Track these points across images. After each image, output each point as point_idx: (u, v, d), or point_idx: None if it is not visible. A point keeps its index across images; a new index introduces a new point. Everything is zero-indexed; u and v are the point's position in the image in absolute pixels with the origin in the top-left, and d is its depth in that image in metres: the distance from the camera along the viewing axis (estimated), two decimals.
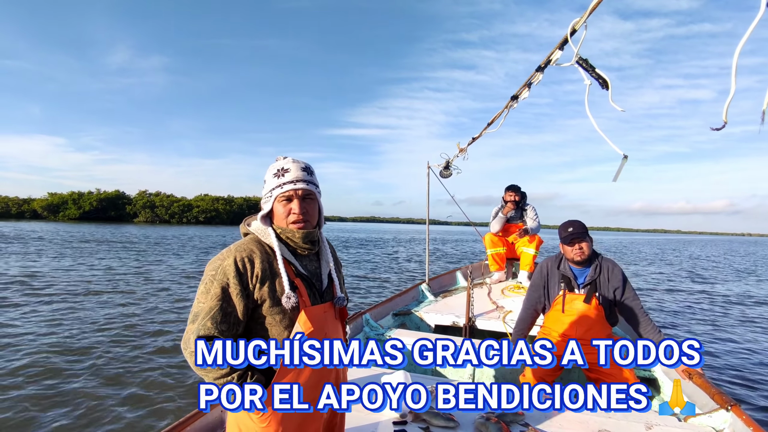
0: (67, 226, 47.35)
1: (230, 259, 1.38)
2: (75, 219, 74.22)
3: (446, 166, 5.22)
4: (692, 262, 25.81)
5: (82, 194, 79.66)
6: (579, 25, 1.61)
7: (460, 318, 4.18)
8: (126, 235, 32.46)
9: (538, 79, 2.12)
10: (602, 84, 1.65)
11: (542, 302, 3.08)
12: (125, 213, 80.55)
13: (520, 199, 5.79)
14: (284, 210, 1.46)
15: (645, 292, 12.48)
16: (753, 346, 7.11)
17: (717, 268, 21.71)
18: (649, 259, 27.25)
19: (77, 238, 27.19)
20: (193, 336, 1.33)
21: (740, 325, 8.61)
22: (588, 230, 2.91)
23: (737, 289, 14.05)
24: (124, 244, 24.19)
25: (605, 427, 2.25)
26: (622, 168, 1.59)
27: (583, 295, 2.89)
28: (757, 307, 10.70)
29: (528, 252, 5.57)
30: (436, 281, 5.82)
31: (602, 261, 2.93)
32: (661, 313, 9.50)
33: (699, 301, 11.21)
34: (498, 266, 5.87)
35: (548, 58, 1.90)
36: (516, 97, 2.47)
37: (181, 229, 51.62)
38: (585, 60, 1.67)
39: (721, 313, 9.71)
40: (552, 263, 3.05)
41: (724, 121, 1.02)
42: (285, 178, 1.45)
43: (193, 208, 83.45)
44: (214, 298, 1.34)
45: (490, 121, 3.13)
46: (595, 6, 1.42)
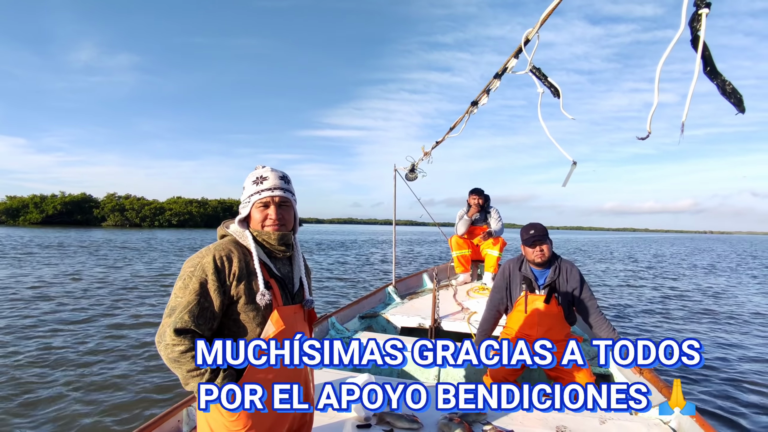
0: (28, 231, 44.80)
1: (209, 256, 1.44)
2: (37, 223, 70.30)
3: (411, 169, 5.28)
4: (655, 259, 26.92)
5: (45, 197, 75.80)
6: (532, 35, 1.67)
7: (426, 320, 4.22)
8: (90, 240, 31.12)
9: (496, 85, 2.18)
10: (554, 92, 1.72)
11: (505, 303, 3.15)
12: (92, 217, 77.28)
13: (484, 202, 5.90)
14: (261, 215, 1.55)
15: (608, 288, 12.95)
16: (702, 337, 7.49)
17: (674, 265, 22.74)
18: (611, 257, 28.26)
19: (36, 243, 25.87)
20: (169, 329, 1.37)
21: (691, 318, 9.05)
22: (548, 233, 3.00)
23: (688, 284, 14.78)
24: (87, 248, 23.20)
25: (563, 423, 2.33)
26: (572, 173, 1.65)
27: (543, 295, 2.98)
28: (707, 300, 11.29)
29: (492, 254, 5.69)
30: (403, 283, 5.85)
31: (561, 263, 3.02)
32: (622, 308, 9.88)
33: (655, 297, 11.73)
34: (463, 268, 5.97)
35: (504, 66, 1.97)
36: (476, 102, 2.53)
37: (152, 233, 49.96)
38: (538, 69, 1.74)
39: (674, 307, 10.21)
40: (514, 265, 3.13)
41: (648, 131, 1.09)
42: (263, 186, 1.53)
43: (166, 211, 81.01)
44: (192, 293, 1.39)
45: (452, 125, 3.19)
46: (545, 18, 1.48)
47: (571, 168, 1.65)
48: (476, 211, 5.85)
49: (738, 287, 14.14)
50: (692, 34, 0.93)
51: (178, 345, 1.36)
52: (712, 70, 0.93)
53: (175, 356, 1.37)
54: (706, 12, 0.90)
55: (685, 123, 0.91)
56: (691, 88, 0.92)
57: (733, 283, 15.36)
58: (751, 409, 4.55)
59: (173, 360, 1.38)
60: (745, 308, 10.33)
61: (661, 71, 1.04)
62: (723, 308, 10.09)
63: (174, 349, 1.36)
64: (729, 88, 0.92)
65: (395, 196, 5.63)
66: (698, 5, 0.92)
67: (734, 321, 8.85)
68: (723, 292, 12.92)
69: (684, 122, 0.91)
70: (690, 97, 0.92)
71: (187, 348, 1.37)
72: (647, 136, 1.09)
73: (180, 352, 1.36)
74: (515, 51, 1.84)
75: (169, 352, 1.37)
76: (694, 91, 0.98)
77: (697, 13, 0.92)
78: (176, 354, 1.37)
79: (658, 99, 1.04)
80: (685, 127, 0.98)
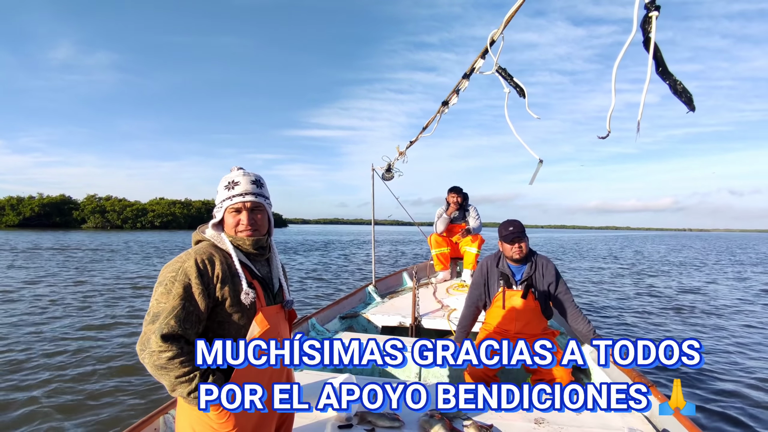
0: (3, 234, 42.97)
1: (191, 260, 1.42)
2: (13, 226, 67.56)
3: (388, 168, 5.31)
4: (635, 257, 27.37)
5: (21, 199, 73.22)
6: (497, 36, 1.69)
7: (406, 318, 4.23)
8: (66, 242, 30.11)
9: (465, 85, 2.21)
10: (519, 92, 1.75)
11: (483, 299, 3.18)
12: (72, 219, 74.81)
13: (463, 200, 5.96)
14: (233, 220, 1.54)
15: (588, 285, 13.23)
16: (682, 333, 7.74)
17: (653, 262, 23.27)
18: (591, 255, 28.77)
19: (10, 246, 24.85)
20: (154, 335, 1.33)
21: (665, 314, 9.34)
22: (525, 230, 3.04)
23: (666, 281, 15.22)
24: (61, 251, 22.44)
25: (541, 415, 2.37)
26: (538, 171, 1.68)
27: (520, 291, 3.02)
28: (682, 296, 11.65)
29: (471, 251, 5.75)
30: (383, 282, 5.86)
31: (537, 258, 3.07)
32: (600, 304, 10.12)
33: (631, 294, 12.05)
34: (443, 266, 6.01)
35: (472, 67, 1.99)
36: (446, 102, 2.55)
37: (134, 235, 48.54)
38: (504, 69, 1.76)
39: (650, 304, 10.49)
40: (491, 261, 3.16)
41: (608, 131, 1.12)
42: (234, 191, 1.52)
43: (148, 212, 79.38)
44: (177, 298, 1.37)
45: (424, 125, 3.21)
46: (509, 19, 1.50)
47: (537, 166, 1.67)
48: (455, 209, 5.90)
49: (714, 284, 14.40)
50: (644, 36, 0.96)
51: (165, 351, 1.32)
52: (664, 71, 0.96)
53: (162, 363, 1.33)
54: (656, 15, 0.93)
55: (640, 122, 0.93)
56: (645, 88, 0.95)
57: (710, 279, 15.69)
58: (729, 402, 4.65)
59: (160, 367, 1.34)
60: (718, 303, 10.69)
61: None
62: (698, 305, 10.39)
63: (161, 356, 1.32)
64: (680, 88, 0.95)
65: (373, 196, 5.65)
66: (648, 8, 0.94)
67: (707, 316, 9.14)
68: (700, 288, 13.28)
69: (639, 121, 0.94)
70: (644, 96, 0.95)
71: (175, 354, 1.33)
72: (607, 135, 1.12)
73: (167, 359, 1.33)
74: (482, 52, 1.86)
75: (155, 360, 1.33)
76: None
77: (648, 16, 0.95)
78: (163, 361, 1.33)
79: (615, 100, 1.07)
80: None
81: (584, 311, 4.04)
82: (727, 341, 6.95)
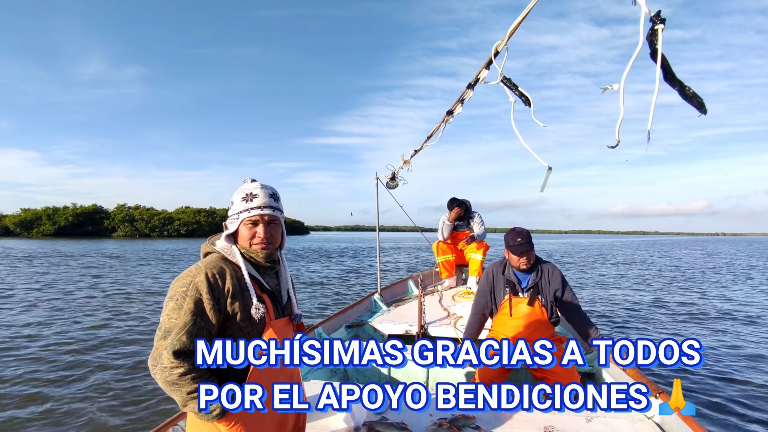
0: (42, 243, 44.21)
1: (201, 275, 1.42)
2: (50, 235, 70.04)
3: (392, 177, 5.33)
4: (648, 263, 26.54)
5: (57, 209, 76.27)
6: (501, 47, 1.72)
7: (412, 326, 4.23)
8: (102, 251, 30.32)
9: (469, 95, 2.24)
10: (525, 101, 1.77)
11: (489, 307, 3.18)
12: (103, 228, 77.51)
13: (465, 211, 5.97)
14: (249, 233, 1.53)
15: (593, 291, 13.16)
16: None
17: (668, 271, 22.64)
18: (606, 261, 28.18)
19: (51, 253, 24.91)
20: (166, 351, 1.34)
21: (675, 320, 9.26)
22: (532, 239, 3.05)
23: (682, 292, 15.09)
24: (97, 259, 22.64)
25: (550, 422, 2.36)
26: (548, 179, 1.69)
27: (526, 298, 3.02)
28: (694, 305, 11.56)
29: (476, 258, 5.75)
30: (389, 291, 5.85)
31: (543, 265, 3.07)
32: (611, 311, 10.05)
33: (648, 301, 11.97)
34: (448, 273, 6.01)
35: (477, 77, 2.02)
36: (451, 112, 2.59)
37: (163, 243, 49.27)
38: (509, 79, 1.79)
39: (662, 313, 10.39)
40: (497, 269, 3.17)
41: (617, 140, 1.13)
42: (253, 203, 1.52)
43: (175, 220, 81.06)
44: (188, 313, 1.37)
45: (429, 134, 3.24)
46: (513, 31, 1.53)
47: (546, 173, 1.69)
48: (456, 216, 5.90)
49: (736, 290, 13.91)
50: (651, 48, 0.98)
51: (177, 368, 1.33)
52: (672, 78, 0.98)
53: (174, 379, 1.34)
54: (662, 27, 0.95)
55: (650, 132, 0.94)
56: (654, 97, 0.96)
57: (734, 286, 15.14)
58: (740, 407, 4.61)
59: (171, 383, 1.34)
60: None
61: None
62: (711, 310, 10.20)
63: (173, 372, 1.33)
64: (690, 92, 0.97)
65: (377, 204, 5.66)
66: (654, 21, 0.97)
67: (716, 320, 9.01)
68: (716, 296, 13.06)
69: (650, 130, 0.95)
70: (653, 105, 0.96)
71: (187, 370, 1.34)
72: (616, 144, 1.13)
73: (179, 375, 1.33)
74: (486, 62, 1.89)
75: (167, 375, 1.34)
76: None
77: (654, 29, 0.98)
78: (175, 377, 1.33)
79: (624, 111, 1.08)
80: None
81: (594, 317, 4.03)
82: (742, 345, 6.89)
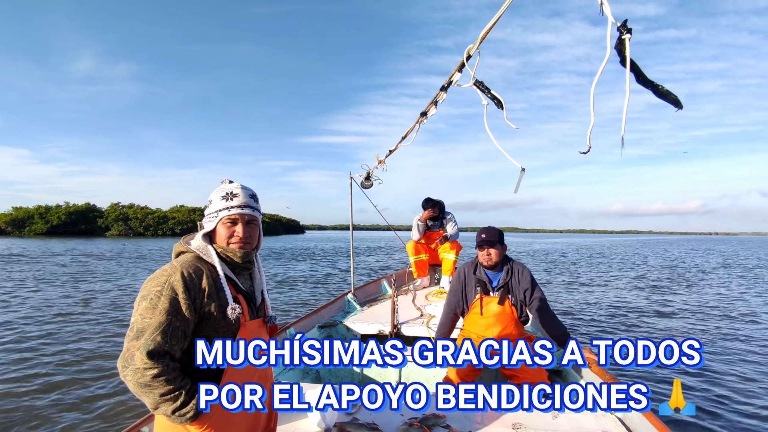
0: (34, 242, 42.57)
1: (177, 274, 1.39)
2: (42, 234, 67.97)
3: (367, 176, 5.33)
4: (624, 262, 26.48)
5: (49, 208, 74.09)
6: (473, 50, 1.74)
7: (385, 326, 4.23)
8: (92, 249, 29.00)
9: (443, 97, 2.25)
10: (497, 104, 1.80)
11: (461, 306, 3.22)
12: (96, 226, 75.60)
13: (439, 211, 6.03)
14: (227, 231, 1.53)
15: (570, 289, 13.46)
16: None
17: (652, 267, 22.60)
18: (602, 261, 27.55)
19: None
20: (139, 352, 1.29)
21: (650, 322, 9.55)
22: (502, 238, 3.09)
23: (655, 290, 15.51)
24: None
25: (518, 420, 2.40)
26: (521, 180, 1.72)
27: (497, 297, 3.07)
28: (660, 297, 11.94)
29: (449, 258, 5.81)
30: (362, 290, 5.84)
31: (513, 265, 3.13)
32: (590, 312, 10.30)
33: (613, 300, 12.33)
34: (421, 273, 6.05)
35: (449, 80, 2.04)
36: (425, 113, 2.60)
37: (157, 242, 47.89)
38: (481, 82, 1.81)
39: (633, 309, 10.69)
40: (468, 268, 3.21)
41: (588, 146, 1.16)
42: (233, 202, 1.52)
43: (169, 219, 79.35)
44: (163, 313, 1.33)
45: (404, 135, 3.24)
46: (484, 36, 1.55)
47: (520, 175, 1.72)
48: (428, 216, 5.95)
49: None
50: (620, 55, 1.01)
51: (150, 369, 1.27)
52: (644, 80, 1.01)
53: (146, 381, 1.28)
54: (629, 37, 0.98)
55: (624, 137, 0.97)
56: (626, 102, 0.98)
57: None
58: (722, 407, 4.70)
59: (144, 385, 1.28)
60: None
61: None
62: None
63: (145, 374, 1.27)
64: (663, 90, 1.00)
65: (351, 203, 5.65)
66: (621, 31, 1.00)
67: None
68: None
69: (623, 136, 0.98)
70: (625, 111, 0.99)
71: (160, 371, 1.29)
72: (588, 150, 1.16)
73: (152, 376, 1.28)
74: (458, 65, 1.91)
75: (139, 377, 1.28)
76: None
77: (621, 38, 1.01)
78: (148, 378, 1.28)
79: (594, 117, 1.11)
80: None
81: (579, 319, 4.10)
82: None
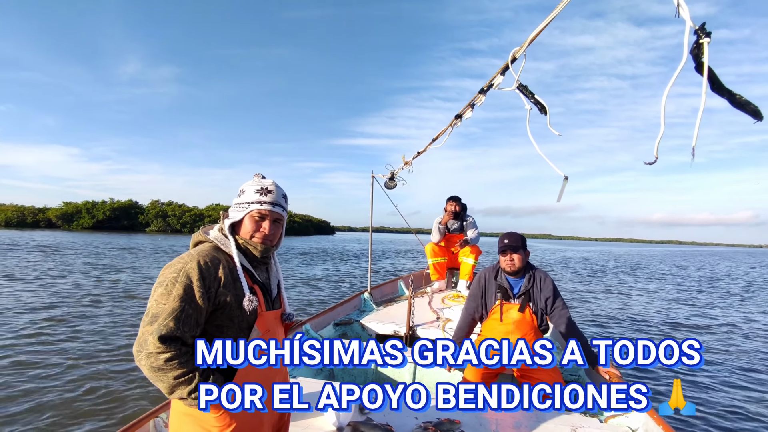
0: (82, 236, 45.50)
1: (193, 262, 1.41)
2: (88, 228, 72.89)
3: (391, 177, 5.33)
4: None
5: (96, 203, 79.79)
6: (519, 53, 1.72)
7: (401, 327, 4.23)
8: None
9: (481, 100, 2.23)
10: (541, 109, 1.78)
11: (480, 311, 3.19)
12: (137, 222, 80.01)
13: (461, 210, 6.01)
14: (254, 225, 1.55)
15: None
16: None
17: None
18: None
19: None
20: (152, 336, 1.31)
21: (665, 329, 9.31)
22: (525, 243, 3.06)
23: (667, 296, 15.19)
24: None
25: (535, 430, 2.38)
26: (564, 188, 1.69)
27: (517, 304, 3.03)
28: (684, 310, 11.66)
29: (468, 262, 5.78)
30: (378, 290, 5.85)
31: (535, 272, 3.10)
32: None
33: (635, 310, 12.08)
34: (439, 275, 6.03)
35: (490, 82, 2.01)
36: (460, 116, 2.58)
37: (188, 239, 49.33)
38: (525, 86, 1.79)
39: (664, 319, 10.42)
40: (489, 274, 3.18)
41: (656, 157, 1.13)
42: (266, 198, 1.54)
43: (205, 217, 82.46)
44: (177, 299, 1.35)
45: (434, 137, 3.23)
46: (534, 38, 1.53)
47: (563, 183, 1.68)
48: (449, 218, 5.94)
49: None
50: (695, 61, 0.99)
51: (163, 353, 1.30)
52: (719, 87, 0.98)
53: (159, 364, 1.30)
54: (708, 41, 0.96)
55: (695, 148, 0.93)
56: (700, 111, 0.95)
57: None
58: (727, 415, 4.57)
59: (157, 369, 1.31)
60: None
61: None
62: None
63: (158, 357, 1.30)
64: (741, 100, 0.97)
65: (372, 203, 5.66)
66: (699, 35, 0.98)
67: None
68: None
69: (694, 146, 0.94)
70: (699, 119, 0.95)
71: (173, 355, 1.31)
72: (654, 161, 1.13)
73: (165, 360, 1.30)
74: (501, 68, 1.88)
75: (152, 361, 1.30)
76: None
77: (699, 42, 0.99)
78: (160, 362, 1.30)
79: (664, 126, 1.08)
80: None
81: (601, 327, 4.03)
82: None
